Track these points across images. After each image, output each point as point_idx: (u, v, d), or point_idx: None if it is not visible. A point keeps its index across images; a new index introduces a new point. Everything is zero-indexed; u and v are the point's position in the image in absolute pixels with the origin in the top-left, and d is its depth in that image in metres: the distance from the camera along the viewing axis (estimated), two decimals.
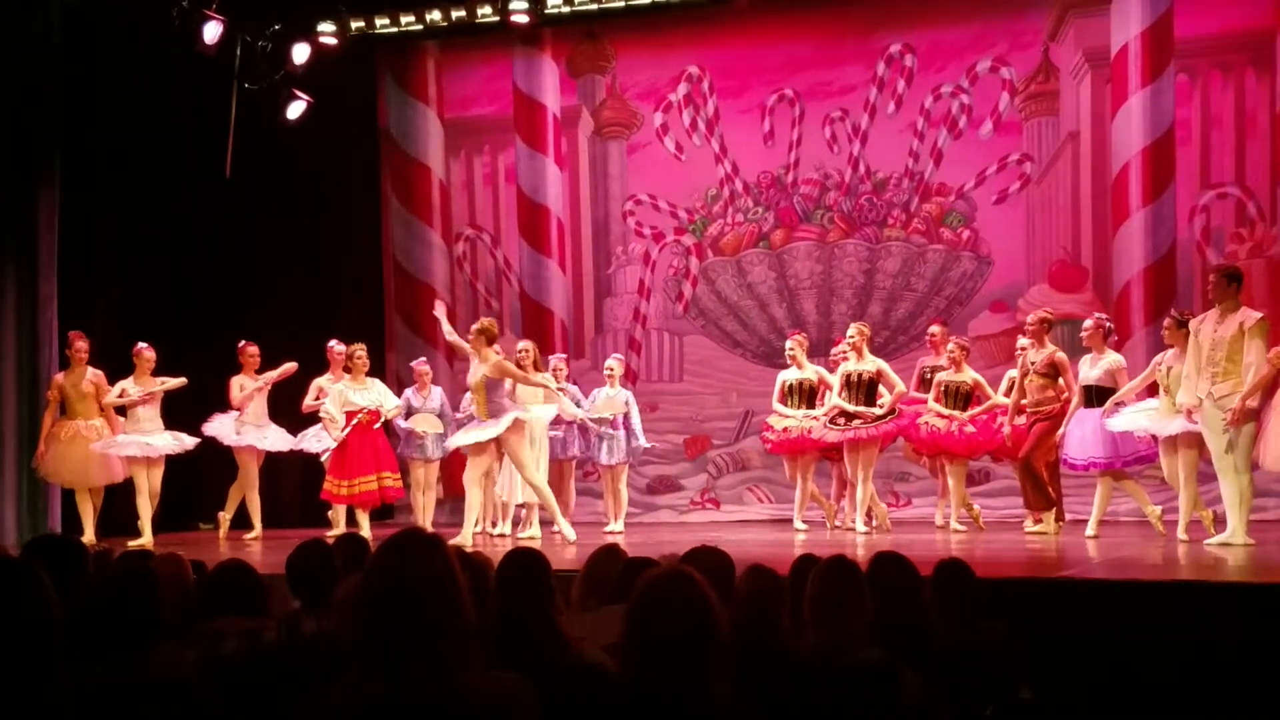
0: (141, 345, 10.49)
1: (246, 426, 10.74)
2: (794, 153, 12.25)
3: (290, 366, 10.86)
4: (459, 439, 9.96)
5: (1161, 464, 8.89)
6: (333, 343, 10.81)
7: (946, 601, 4.26)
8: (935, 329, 10.59)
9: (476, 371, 9.59)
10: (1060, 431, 9.27)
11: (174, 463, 10.60)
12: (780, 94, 12.25)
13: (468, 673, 2.48)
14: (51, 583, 2.84)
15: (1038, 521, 9.52)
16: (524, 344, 10.48)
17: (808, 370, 10.42)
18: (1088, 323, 9.38)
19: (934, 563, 4.50)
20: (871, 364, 10.01)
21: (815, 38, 12.22)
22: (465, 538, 9.36)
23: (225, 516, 10.90)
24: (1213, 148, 11.06)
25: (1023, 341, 9.80)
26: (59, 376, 10.44)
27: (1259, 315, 8.02)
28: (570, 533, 9.68)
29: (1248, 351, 7.88)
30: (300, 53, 11.87)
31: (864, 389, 9.96)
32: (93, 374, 10.37)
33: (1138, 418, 8.87)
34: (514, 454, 9.57)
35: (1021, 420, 9.55)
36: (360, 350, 10.35)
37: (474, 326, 9.73)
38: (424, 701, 2.42)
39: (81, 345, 10.32)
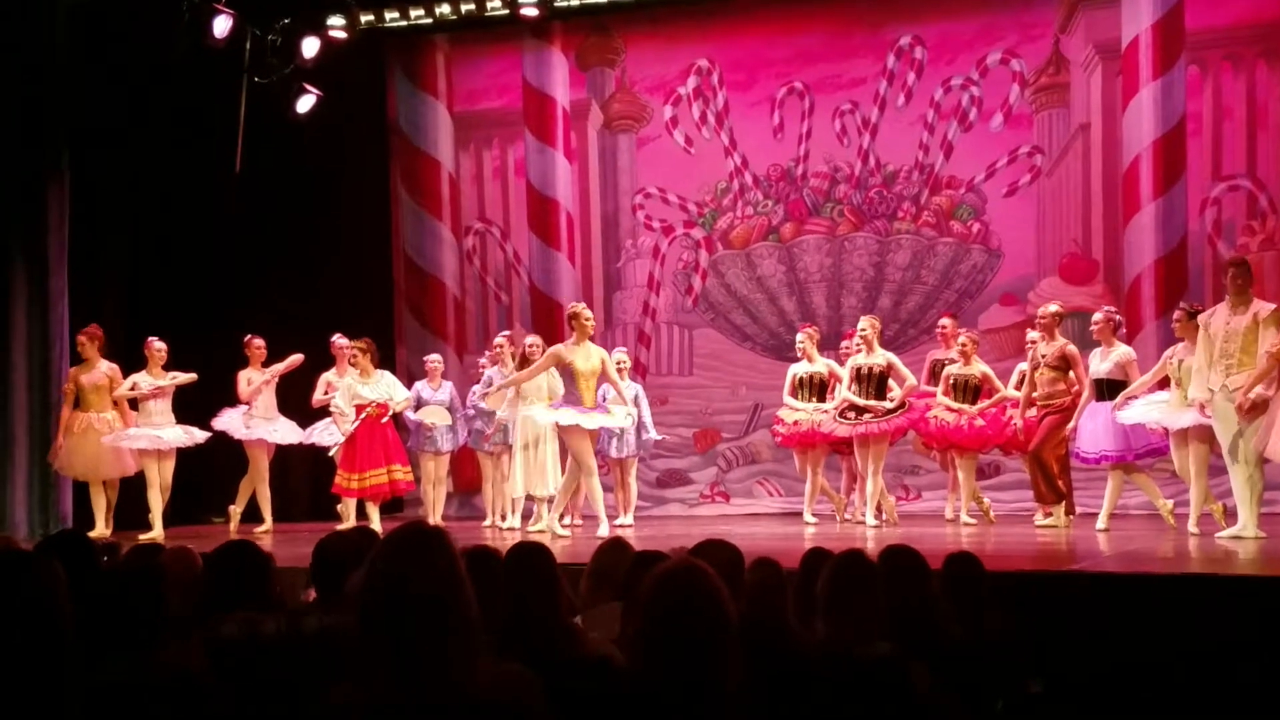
0: (153, 339, 10.52)
1: (256, 420, 10.77)
2: (803, 146, 12.23)
3: (296, 358, 10.87)
4: (575, 417, 9.52)
5: (1173, 457, 8.86)
6: (336, 336, 10.81)
7: (956, 595, 4.25)
8: (945, 322, 10.56)
9: (593, 356, 9.57)
10: (1071, 425, 9.25)
11: (185, 456, 10.62)
12: (790, 87, 12.23)
13: (472, 666, 2.48)
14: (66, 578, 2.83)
15: (1048, 515, 9.49)
16: (532, 339, 10.52)
17: (818, 363, 10.41)
18: (1097, 316, 9.33)
19: (944, 556, 4.50)
20: (881, 357, 9.98)
21: (825, 31, 12.20)
22: (554, 525, 9.53)
23: (236, 510, 10.93)
24: (1224, 140, 11.02)
25: (1033, 335, 9.78)
26: (74, 370, 10.47)
27: (1273, 306, 7.99)
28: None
29: (1263, 342, 7.84)
30: (310, 47, 11.87)
31: (874, 382, 9.92)
32: (108, 367, 10.41)
33: (1149, 410, 8.84)
34: (583, 447, 9.55)
35: (1032, 413, 9.53)
36: (360, 345, 10.18)
37: (571, 311, 9.70)
38: (429, 696, 2.42)
39: (94, 339, 10.35)
